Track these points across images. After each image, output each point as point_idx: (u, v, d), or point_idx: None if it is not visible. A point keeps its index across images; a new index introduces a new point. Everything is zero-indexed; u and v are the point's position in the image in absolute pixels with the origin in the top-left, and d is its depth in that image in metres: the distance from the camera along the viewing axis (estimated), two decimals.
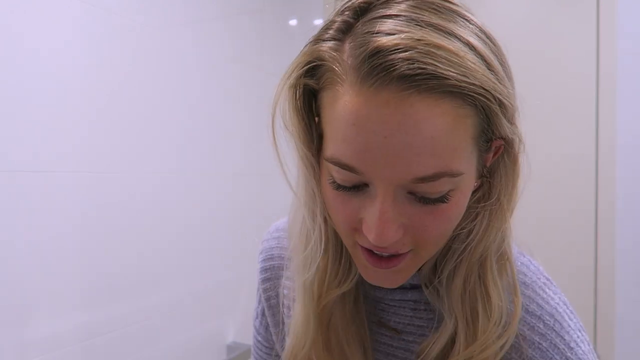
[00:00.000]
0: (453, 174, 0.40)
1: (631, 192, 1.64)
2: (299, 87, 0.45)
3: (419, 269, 0.51)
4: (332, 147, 0.42)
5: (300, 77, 0.44)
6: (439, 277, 0.49)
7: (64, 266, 1.18)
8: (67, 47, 1.18)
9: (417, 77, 0.36)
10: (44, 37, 1.13)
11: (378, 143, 0.38)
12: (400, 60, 0.36)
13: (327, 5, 2.14)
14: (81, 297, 1.22)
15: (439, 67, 0.37)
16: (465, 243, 0.47)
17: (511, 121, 0.46)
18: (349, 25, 0.41)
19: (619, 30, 1.67)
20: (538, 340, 0.49)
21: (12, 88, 1.06)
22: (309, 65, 0.43)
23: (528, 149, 0.52)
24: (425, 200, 0.41)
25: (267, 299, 0.66)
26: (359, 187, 0.43)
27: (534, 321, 0.49)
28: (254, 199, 1.85)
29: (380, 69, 0.37)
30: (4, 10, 1.05)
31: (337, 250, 0.51)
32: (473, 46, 0.39)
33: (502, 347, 0.47)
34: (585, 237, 1.71)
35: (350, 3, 0.42)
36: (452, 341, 0.48)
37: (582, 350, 0.49)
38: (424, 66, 0.36)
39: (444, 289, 0.49)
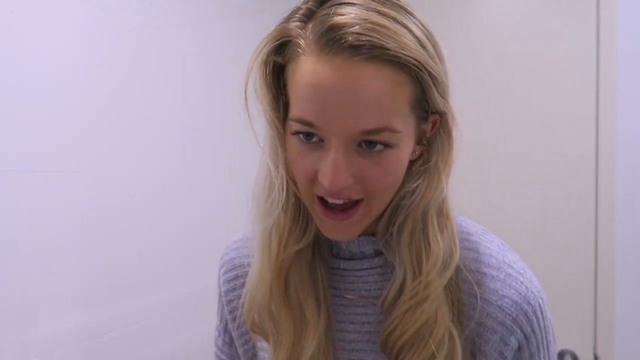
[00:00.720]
0: (393, 130, 0.50)
1: (631, 192, 1.64)
2: (269, 64, 0.55)
3: (377, 226, 0.59)
4: (296, 108, 0.51)
5: (271, 53, 0.53)
6: (390, 232, 0.58)
7: (64, 266, 1.18)
8: (67, 47, 1.18)
9: (363, 48, 0.47)
10: (44, 37, 1.13)
11: (332, 100, 0.48)
12: (349, 34, 0.47)
13: None
14: (81, 297, 1.22)
15: (381, 40, 0.47)
16: (410, 200, 0.56)
17: (443, 96, 0.54)
18: (312, 12, 0.51)
19: (619, 30, 1.67)
20: (495, 273, 0.58)
21: (12, 88, 1.06)
22: (278, 42, 0.53)
23: (529, 149, 0.55)
24: (371, 153, 0.50)
25: (232, 311, 0.69)
26: (316, 143, 0.51)
27: (487, 259, 0.59)
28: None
29: (334, 41, 0.47)
30: (4, 10, 1.05)
31: (296, 209, 0.58)
32: (410, 29, 0.49)
33: (442, 284, 0.55)
34: (585, 237, 1.71)
35: None
36: (402, 288, 0.57)
37: (530, 274, 0.59)
38: (369, 39, 0.46)
39: (395, 243, 0.58)
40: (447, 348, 0.55)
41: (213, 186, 1.69)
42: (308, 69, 0.49)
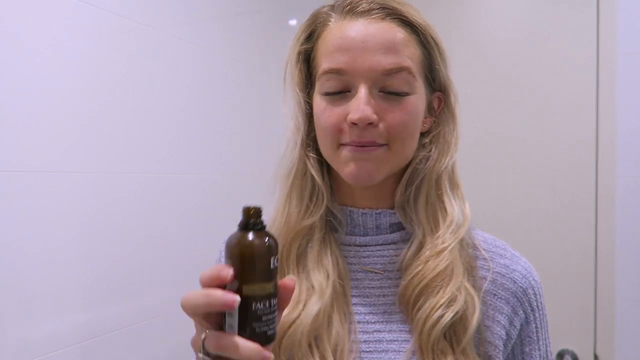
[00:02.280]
0: (410, 72, 0.60)
1: (631, 191, 1.64)
2: (302, 53, 0.67)
3: (393, 198, 0.67)
4: (326, 63, 0.62)
5: (303, 42, 0.67)
6: (407, 197, 0.66)
7: (64, 266, 1.18)
8: (66, 47, 1.18)
9: (377, 10, 0.61)
10: (42, 37, 1.13)
11: (357, 46, 0.59)
12: (367, 2, 0.61)
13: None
14: (81, 297, 1.22)
15: (396, 7, 0.62)
16: (425, 165, 0.65)
17: (446, 70, 0.66)
18: (336, 4, 0.65)
19: (618, 30, 1.67)
20: (503, 252, 0.66)
21: (11, 88, 1.06)
22: (310, 29, 0.66)
23: (529, 149, 0.59)
24: (391, 96, 0.60)
25: None
26: (343, 96, 0.61)
27: (493, 242, 0.68)
28: (254, 199, 1.85)
29: (354, 9, 0.62)
30: (2, 10, 1.05)
31: (313, 187, 0.67)
32: (418, 12, 0.63)
33: (458, 241, 0.63)
34: (586, 237, 1.71)
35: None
36: (421, 246, 0.64)
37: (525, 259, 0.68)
38: (382, 4, 0.61)
39: (411, 208, 0.65)
40: (463, 302, 0.59)
41: (213, 186, 1.69)
42: (335, 31, 0.62)
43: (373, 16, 0.60)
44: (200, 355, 0.46)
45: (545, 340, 0.65)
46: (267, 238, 0.47)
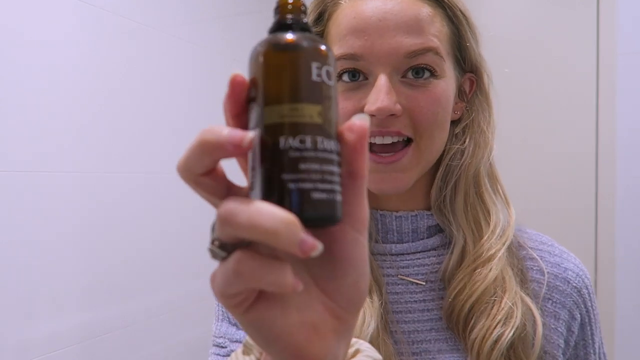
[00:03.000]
0: (437, 52, 0.51)
1: (631, 191, 1.64)
2: None
3: (429, 199, 0.58)
4: (339, 48, 0.52)
5: (312, 25, 0.56)
6: (443, 197, 0.57)
7: (64, 266, 1.18)
8: (66, 47, 1.18)
9: None
10: (44, 37, 1.13)
11: (374, 26, 0.50)
12: None
13: None
14: (81, 297, 1.22)
15: None
16: (461, 161, 0.56)
17: (477, 47, 0.57)
18: None
19: (618, 30, 1.67)
20: (551, 249, 0.59)
21: (12, 88, 1.06)
22: (319, 10, 0.56)
23: (529, 149, 0.56)
24: (416, 81, 0.51)
25: None
26: (360, 83, 0.52)
27: (538, 238, 0.61)
28: None
29: None
30: (3, 10, 1.05)
31: None
32: None
33: (504, 244, 0.54)
34: (586, 237, 1.71)
35: None
36: (463, 254, 0.55)
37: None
38: None
39: (449, 211, 0.56)
40: (521, 316, 0.51)
41: None
42: (348, 10, 0.52)
43: None
44: (209, 248, 0.31)
45: (600, 341, 0.59)
46: (314, 41, 0.29)
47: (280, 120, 0.27)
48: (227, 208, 0.27)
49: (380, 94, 0.49)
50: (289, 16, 0.31)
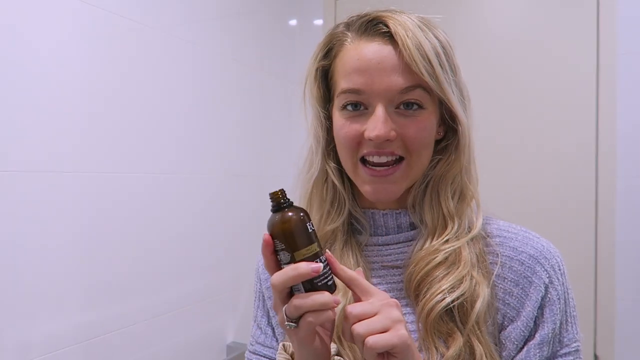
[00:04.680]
0: (425, 88, 0.63)
1: (631, 191, 1.64)
2: (319, 69, 0.71)
3: (407, 197, 0.70)
4: (344, 83, 0.65)
5: (321, 59, 0.70)
6: (415, 198, 0.70)
7: (64, 266, 1.18)
8: (67, 47, 1.18)
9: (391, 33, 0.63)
10: (44, 37, 1.13)
11: (374, 67, 0.63)
12: (384, 25, 0.64)
13: (326, 7, 2.14)
14: (81, 297, 1.22)
15: (405, 33, 0.63)
16: (433, 170, 0.69)
17: (464, 103, 0.68)
18: (352, 21, 0.69)
19: (619, 30, 1.67)
20: (514, 236, 0.68)
21: (12, 88, 1.06)
22: (327, 47, 0.69)
23: (529, 149, 0.58)
24: (407, 112, 0.64)
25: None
26: (361, 112, 0.65)
27: (507, 227, 0.71)
28: (254, 199, 1.85)
29: (371, 28, 0.65)
30: (5, 11, 1.05)
31: (334, 194, 0.72)
32: (435, 35, 0.66)
33: (462, 240, 0.66)
34: (586, 237, 1.71)
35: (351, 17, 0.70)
36: (424, 243, 0.68)
37: (548, 241, 0.70)
38: (395, 28, 0.63)
39: (419, 207, 0.70)
40: (467, 287, 0.62)
41: (213, 186, 1.69)
42: (353, 51, 0.65)
43: (387, 37, 0.63)
44: (286, 323, 0.54)
45: (569, 320, 0.65)
46: (298, 211, 0.56)
47: (306, 256, 0.55)
48: (300, 304, 0.53)
49: (378, 123, 0.62)
50: (281, 201, 0.57)
